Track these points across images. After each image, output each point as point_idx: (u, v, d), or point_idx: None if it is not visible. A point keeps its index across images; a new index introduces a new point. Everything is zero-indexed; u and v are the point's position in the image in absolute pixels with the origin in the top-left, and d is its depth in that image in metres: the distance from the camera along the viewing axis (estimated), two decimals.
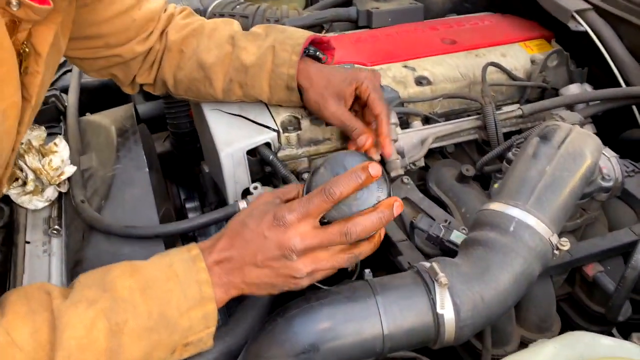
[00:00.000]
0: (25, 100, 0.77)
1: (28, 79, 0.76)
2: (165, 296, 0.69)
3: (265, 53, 1.01)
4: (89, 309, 0.65)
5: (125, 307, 0.67)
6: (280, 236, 0.70)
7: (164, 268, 0.71)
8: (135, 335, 0.66)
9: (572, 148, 0.82)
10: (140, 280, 0.69)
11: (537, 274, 0.76)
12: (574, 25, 1.17)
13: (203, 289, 0.70)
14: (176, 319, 0.68)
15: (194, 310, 0.69)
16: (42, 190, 1.03)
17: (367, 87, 0.97)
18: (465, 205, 1.03)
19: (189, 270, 0.70)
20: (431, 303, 0.71)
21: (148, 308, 0.68)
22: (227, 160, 1.01)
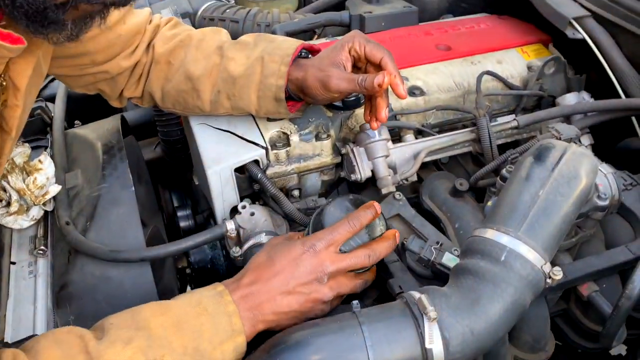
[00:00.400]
0: (5, 132, 0.76)
1: (7, 112, 0.75)
2: (198, 331, 0.72)
3: (253, 64, 0.98)
4: (126, 348, 0.68)
5: (161, 344, 0.70)
6: (313, 261, 0.80)
7: (193, 304, 0.75)
8: None
9: (566, 170, 0.80)
10: (173, 317, 0.73)
11: (528, 303, 0.74)
12: (571, 33, 1.14)
13: (233, 321, 0.74)
14: (210, 352, 0.72)
15: (226, 343, 0.73)
16: (27, 209, 1.01)
17: (360, 42, 0.95)
18: (458, 220, 1.01)
19: (218, 304, 0.75)
20: (420, 337, 0.70)
21: (183, 343, 0.71)
22: (214, 178, 0.99)
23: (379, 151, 1.02)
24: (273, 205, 1.02)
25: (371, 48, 0.94)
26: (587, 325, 0.96)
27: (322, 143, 1.04)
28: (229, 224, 0.95)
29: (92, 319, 0.90)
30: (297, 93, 1.00)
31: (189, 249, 0.94)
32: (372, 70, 0.96)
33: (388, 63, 0.93)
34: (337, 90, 0.94)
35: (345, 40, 0.96)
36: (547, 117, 1.10)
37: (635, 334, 1.01)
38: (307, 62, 0.98)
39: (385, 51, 0.94)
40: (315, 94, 0.95)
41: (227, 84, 1.00)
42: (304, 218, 1.01)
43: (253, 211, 0.98)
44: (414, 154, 1.06)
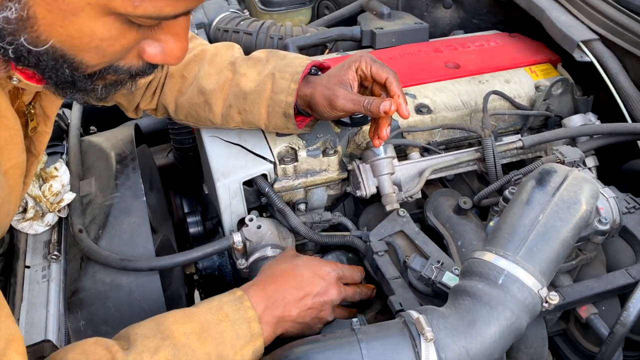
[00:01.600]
0: (32, 155, 0.80)
1: (36, 138, 0.79)
2: (220, 337, 0.77)
3: (264, 80, 1.01)
4: (154, 358, 0.71)
5: (186, 352, 0.73)
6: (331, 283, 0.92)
7: (214, 311, 0.79)
8: None
9: (567, 195, 0.81)
10: (195, 325, 0.76)
11: (524, 326, 0.76)
12: (579, 56, 1.15)
13: (252, 326, 0.80)
14: (232, 357, 0.76)
15: (246, 347, 0.78)
16: (42, 215, 1.05)
17: (367, 62, 0.97)
18: (461, 238, 1.03)
19: (238, 310, 0.80)
20: (416, 357, 0.72)
21: (206, 350, 0.74)
22: (223, 190, 1.01)
23: (384, 168, 1.04)
24: (279, 218, 1.05)
25: (377, 68, 0.97)
26: (585, 347, 0.96)
27: (329, 159, 1.06)
28: (235, 236, 0.98)
29: (103, 325, 0.94)
30: (305, 109, 1.02)
31: (196, 259, 0.97)
32: (378, 89, 0.99)
33: (393, 83, 0.95)
34: (342, 110, 0.97)
35: (352, 60, 0.99)
36: (552, 138, 1.11)
37: (634, 355, 1.02)
38: (315, 80, 1.00)
39: (390, 71, 0.97)
40: (322, 111, 0.98)
41: (238, 99, 1.02)
42: (309, 232, 1.03)
43: (260, 224, 1.00)
44: (419, 171, 1.08)
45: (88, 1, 0.55)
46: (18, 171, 0.74)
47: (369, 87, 1.01)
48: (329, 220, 1.08)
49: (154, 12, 0.57)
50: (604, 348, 0.80)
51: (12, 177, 0.73)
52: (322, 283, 0.90)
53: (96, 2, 0.55)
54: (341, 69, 0.98)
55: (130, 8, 0.56)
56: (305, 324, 0.88)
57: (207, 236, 1.39)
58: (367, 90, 1.01)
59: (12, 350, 0.64)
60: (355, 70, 0.97)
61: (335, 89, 0.96)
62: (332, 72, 1.00)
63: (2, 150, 0.69)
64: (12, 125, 0.70)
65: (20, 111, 0.74)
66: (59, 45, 0.58)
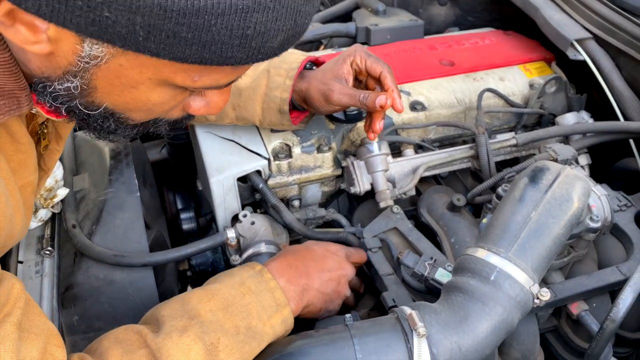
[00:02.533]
0: (42, 171, 0.81)
1: (47, 155, 0.80)
2: (246, 310, 0.78)
3: (259, 76, 1.01)
4: (183, 336, 0.72)
5: (214, 328, 0.74)
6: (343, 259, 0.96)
7: (237, 286, 0.81)
8: (229, 350, 0.73)
9: (559, 193, 0.82)
10: (220, 301, 0.78)
11: (516, 322, 0.77)
12: (572, 54, 1.15)
13: (276, 295, 0.81)
14: (260, 328, 0.77)
15: (274, 317, 0.79)
16: (35, 211, 1.04)
17: (361, 56, 0.98)
18: (454, 235, 1.04)
19: (259, 282, 0.82)
20: (409, 352, 0.72)
21: (234, 324, 0.76)
22: (217, 186, 1.02)
23: (378, 165, 1.04)
24: (273, 214, 1.05)
25: (372, 62, 0.97)
26: (576, 343, 0.97)
27: (323, 155, 1.06)
28: (229, 232, 0.98)
29: (96, 320, 0.93)
30: (300, 103, 1.02)
31: (190, 255, 0.97)
32: (372, 83, 0.99)
33: (387, 77, 0.96)
34: (338, 104, 0.97)
35: (347, 54, 0.99)
36: (545, 136, 1.12)
37: (625, 352, 1.03)
38: (310, 74, 1.00)
39: (384, 65, 0.97)
40: (318, 105, 0.98)
41: (233, 95, 1.02)
42: (303, 228, 1.04)
43: (254, 220, 1.01)
44: (413, 168, 1.08)
45: (149, 76, 0.57)
46: (29, 189, 0.76)
47: (363, 81, 1.01)
48: (323, 216, 1.08)
49: (211, 84, 0.61)
50: (594, 344, 0.81)
51: (24, 194, 0.74)
52: (336, 258, 0.95)
53: (157, 77, 0.58)
54: (336, 64, 0.98)
55: (189, 82, 0.59)
56: (327, 296, 0.91)
57: (200, 232, 1.39)
58: (362, 84, 1.01)
59: (53, 345, 0.66)
60: (350, 64, 0.97)
61: (331, 83, 0.96)
62: (327, 67, 1.00)
63: (15, 171, 0.71)
64: (27, 149, 0.72)
65: (34, 131, 0.75)
66: (112, 108, 0.62)
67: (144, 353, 0.70)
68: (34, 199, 0.80)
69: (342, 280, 0.94)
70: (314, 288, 0.89)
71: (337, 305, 0.93)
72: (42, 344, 0.65)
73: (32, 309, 0.68)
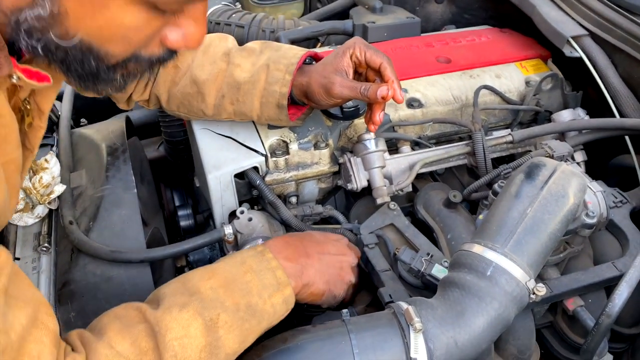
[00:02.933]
0: (27, 150, 0.80)
1: (32, 133, 0.80)
2: (247, 288, 0.78)
3: (259, 71, 1.01)
4: (182, 311, 0.73)
5: (214, 304, 0.75)
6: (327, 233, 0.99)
7: (237, 265, 0.82)
8: (228, 327, 0.74)
9: (555, 189, 0.82)
10: (220, 279, 0.79)
11: (512, 317, 0.77)
12: (568, 51, 1.16)
13: (277, 274, 0.81)
14: (261, 306, 0.78)
15: (275, 296, 0.80)
16: (32, 207, 1.04)
17: (361, 48, 0.98)
18: (451, 231, 1.04)
19: (260, 261, 0.82)
20: (405, 347, 0.73)
21: (234, 301, 0.76)
22: (214, 182, 1.02)
23: (375, 162, 1.04)
24: (271, 211, 1.05)
25: (371, 54, 0.98)
26: (572, 338, 0.98)
27: (320, 152, 1.07)
28: (226, 228, 0.98)
29: (93, 316, 0.93)
30: (301, 98, 1.02)
31: (187, 251, 0.97)
32: (372, 75, 1.00)
33: (387, 68, 0.96)
34: (339, 97, 0.97)
35: (346, 46, 0.99)
36: (541, 132, 1.12)
37: (621, 347, 1.04)
38: (311, 69, 1.01)
39: (384, 57, 0.97)
40: (319, 99, 0.98)
41: (231, 89, 1.02)
42: (300, 224, 1.04)
43: (251, 216, 1.01)
44: (409, 165, 1.09)
45: None
46: (12, 166, 0.75)
47: (363, 74, 1.01)
48: (320, 213, 1.08)
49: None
50: (589, 338, 0.81)
51: (7, 171, 0.73)
52: (337, 244, 0.95)
53: None
54: (336, 57, 0.99)
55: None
56: (329, 277, 0.90)
57: (198, 229, 1.39)
58: (362, 77, 1.02)
59: (43, 313, 0.66)
60: (349, 56, 0.98)
61: (331, 76, 0.96)
62: (327, 60, 1.00)
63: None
64: (8, 123, 0.71)
65: (17, 107, 0.75)
66: (87, 38, 0.60)
67: (142, 328, 0.71)
68: (19, 179, 0.79)
69: (345, 265, 0.93)
70: (314, 267, 0.88)
71: (342, 291, 0.93)
72: (31, 311, 0.64)
73: (20, 279, 0.67)
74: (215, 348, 0.73)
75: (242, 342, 0.75)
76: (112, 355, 0.68)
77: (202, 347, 0.72)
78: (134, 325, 0.72)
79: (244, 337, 0.75)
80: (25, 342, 0.62)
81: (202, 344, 0.72)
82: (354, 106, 1.09)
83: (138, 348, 0.70)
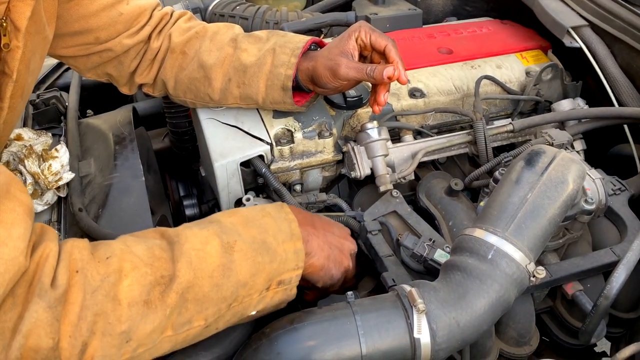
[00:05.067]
0: (5, 75, 0.81)
1: (9, 55, 0.80)
2: (264, 227, 0.81)
3: (265, 55, 1.03)
4: (202, 230, 0.77)
5: (232, 232, 0.78)
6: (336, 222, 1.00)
7: (258, 209, 0.86)
8: (243, 254, 0.76)
9: (554, 175, 0.84)
10: (240, 217, 0.82)
11: (512, 300, 0.79)
12: (568, 41, 1.17)
13: (292, 226, 0.84)
14: (275, 247, 0.80)
15: (288, 243, 0.82)
16: (41, 194, 1.06)
17: (366, 31, 1.00)
18: (452, 218, 1.06)
19: (279, 212, 0.86)
20: (409, 327, 0.75)
21: (251, 234, 0.79)
22: (221, 171, 1.04)
23: (378, 150, 1.06)
24: (276, 198, 1.07)
25: (376, 37, 0.99)
26: (571, 323, 1.00)
27: (324, 141, 1.09)
28: None
29: None
30: (307, 84, 1.04)
31: None
32: (377, 58, 1.01)
33: (392, 50, 0.98)
34: (346, 78, 0.98)
35: (352, 30, 1.01)
36: (541, 122, 1.14)
37: (618, 332, 1.06)
38: (317, 53, 1.03)
39: (389, 39, 0.99)
40: (325, 82, 1.00)
41: (238, 73, 1.04)
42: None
43: (257, 204, 1.03)
44: (412, 153, 1.11)
45: None
46: None
47: (368, 57, 1.03)
48: (324, 201, 1.10)
49: None
50: (588, 320, 0.83)
51: None
52: (341, 227, 0.97)
53: None
54: (341, 40, 1.00)
55: None
56: (329, 253, 0.89)
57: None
58: (367, 60, 1.03)
59: (15, 189, 0.65)
60: (355, 39, 0.99)
61: (337, 58, 0.98)
62: (333, 44, 1.02)
63: None
64: None
65: None
66: None
67: (159, 242, 0.74)
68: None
69: (345, 249, 0.94)
70: (318, 239, 0.89)
71: (339, 273, 0.91)
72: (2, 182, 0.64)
73: None
74: (229, 270, 0.74)
75: (252, 275, 0.76)
76: (126, 251, 0.70)
77: (216, 265, 0.74)
78: (151, 240, 0.75)
79: (255, 270, 0.77)
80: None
81: (217, 263, 0.74)
82: (357, 96, 1.11)
83: (152, 254, 0.72)
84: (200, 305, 0.72)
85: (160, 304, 0.68)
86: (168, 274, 0.70)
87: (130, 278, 0.68)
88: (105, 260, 0.68)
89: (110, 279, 0.67)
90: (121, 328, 0.66)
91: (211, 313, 0.73)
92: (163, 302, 0.69)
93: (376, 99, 1.00)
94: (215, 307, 0.73)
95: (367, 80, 0.99)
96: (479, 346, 0.93)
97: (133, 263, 0.69)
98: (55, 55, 1.05)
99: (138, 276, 0.68)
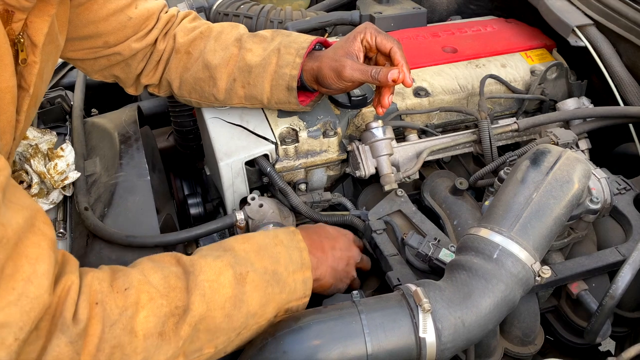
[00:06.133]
0: (23, 90, 0.81)
1: (26, 70, 0.81)
2: (276, 257, 0.84)
3: (270, 55, 1.03)
4: (217, 261, 0.79)
5: (245, 263, 0.80)
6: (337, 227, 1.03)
7: (270, 237, 0.87)
8: (254, 285, 0.79)
9: (560, 174, 0.84)
10: (254, 244, 0.84)
11: (518, 299, 0.79)
12: (573, 41, 1.17)
13: (303, 255, 0.86)
14: (285, 277, 0.82)
15: (297, 273, 0.84)
16: (47, 193, 1.07)
17: (372, 33, 1.00)
18: (457, 217, 1.06)
19: (291, 240, 0.88)
20: (414, 327, 0.75)
21: (263, 265, 0.81)
22: (226, 170, 1.04)
23: (383, 149, 1.06)
24: (281, 197, 1.07)
25: (381, 39, 0.99)
26: (576, 322, 1.00)
27: (329, 140, 1.09)
28: (238, 214, 1.00)
29: None
30: (312, 84, 1.04)
31: (200, 236, 0.99)
32: (382, 59, 1.01)
33: (397, 53, 0.98)
34: (350, 80, 0.98)
35: (357, 31, 1.01)
36: (546, 121, 1.14)
37: (623, 331, 1.06)
38: (322, 53, 1.03)
39: (394, 41, 0.99)
40: (330, 82, 1.00)
41: (243, 73, 1.04)
42: (309, 211, 1.06)
43: (262, 203, 1.03)
44: (416, 153, 1.11)
45: None
46: (10, 96, 0.75)
47: (373, 58, 1.03)
48: (328, 200, 1.10)
49: None
50: (593, 320, 0.83)
51: (4, 99, 0.74)
52: (345, 239, 0.99)
53: None
54: (347, 41, 1.00)
55: None
56: (337, 273, 0.95)
57: (207, 217, 1.41)
58: (372, 61, 1.03)
59: (40, 221, 0.66)
60: (360, 41, 0.99)
61: (342, 59, 0.98)
62: (338, 45, 1.02)
63: None
64: (1, 45, 0.71)
65: (11, 40, 0.76)
66: None
67: (175, 270, 0.76)
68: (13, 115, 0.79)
69: (351, 262, 0.97)
70: (327, 263, 0.92)
71: (345, 285, 0.97)
72: (28, 216, 0.64)
73: (18, 188, 0.67)
74: (240, 302, 0.77)
75: (262, 305, 0.79)
76: (144, 282, 0.72)
77: (228, 297, 0.76)
78: (167, 267, 0.77)
79: (265, 301, 0.79)
80: (23, 245, 0.62)
81: (229, 294, 0.76)
82: (361, 95, 1.11)
83: (168, 284, 0.74)
84: (212, 334, 0.75)
85: (174, 336, 0.72)
86: (182, 304, 0.73)
87: (146, 310, 0.71)
88: (124, 292, 0.71)
89: (128, 312, 0.70)
90: (137, 359, 0.69)
91: (221, 342, 0.76)
92: (176, 334, 0.72)
93: (380, 100, 1.00)
94: (225, 336, 0.76)
95: (371, 83, 0.99)
96: (484, 345, 0.94)
97: (150, 294, 0.72)
98: (63, 58, 1.05)
99: (154, 307, 0.71)
